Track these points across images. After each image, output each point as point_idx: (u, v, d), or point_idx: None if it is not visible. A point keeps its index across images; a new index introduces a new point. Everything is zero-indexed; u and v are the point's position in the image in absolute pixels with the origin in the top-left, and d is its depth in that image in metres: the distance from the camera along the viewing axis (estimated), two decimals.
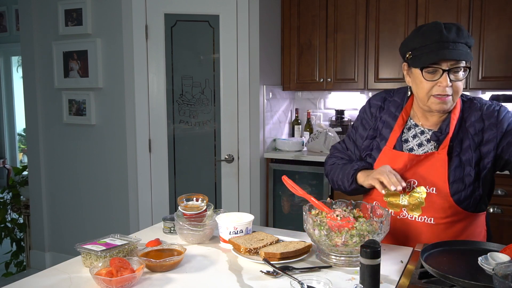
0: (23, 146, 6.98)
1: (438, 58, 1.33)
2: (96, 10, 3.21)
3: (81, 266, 1.31)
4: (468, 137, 1.42)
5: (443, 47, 1.33)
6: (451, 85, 1.36)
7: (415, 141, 1.49)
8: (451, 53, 1.32)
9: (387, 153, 1.50)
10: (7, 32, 6.37)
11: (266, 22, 3.36)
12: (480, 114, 1.44)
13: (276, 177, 3.42)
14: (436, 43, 1.34)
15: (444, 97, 1.37)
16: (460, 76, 1.36)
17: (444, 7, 3.08)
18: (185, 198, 1.58)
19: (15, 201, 3.82)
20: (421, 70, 1.37)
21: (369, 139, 1.57)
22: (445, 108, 1.40)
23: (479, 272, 1.12)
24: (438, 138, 1.45)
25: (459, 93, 1.39)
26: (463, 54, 1.33)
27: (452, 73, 1.35)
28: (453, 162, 1.41)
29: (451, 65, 1.34)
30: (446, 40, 1.33)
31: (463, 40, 1.35)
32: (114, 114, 3.25)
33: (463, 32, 1.36)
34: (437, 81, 1.36)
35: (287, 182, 1.47)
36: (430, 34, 1.36)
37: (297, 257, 1.33)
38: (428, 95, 1.39)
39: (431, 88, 1.37)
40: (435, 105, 1.39)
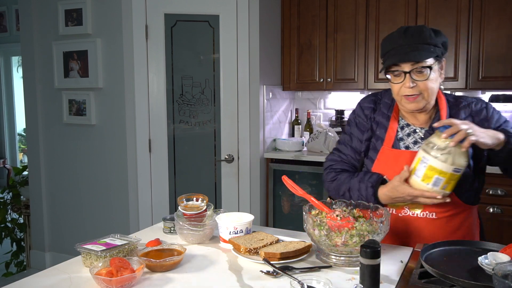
0: (23, 146, 6.98)
1: (393, 62, 1.41)
2: (96, 10, 3.21)
3: (81, 266, 1.31)
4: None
5: (399, 51, 1.40)
6: (415, 85, 1.41)
7: (410, 139, 1.52)
8: (404, 57, 1.39)
9: (386, 153, 1.51)
10: (7, 32, 6.37)
11: (266, 22, 3.36)
12: (470, 111, 1.49)
13: (276, 177, 3.42)
14: (395, 47, 1.42)
15: (412, 97, 1.42)
16: (425, 76, 1.40)
17: (444, 7, 3.08)
18: (185, 198, 1.58)
19: (15, 201, 3.82)
20: (386, 74, 1.45)
21: (367, 141, 1.58)
22: (418, 106, 1.44)
23: (479, 272, 1.12)
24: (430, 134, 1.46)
25: (429, 91, 1.42)
26: (417, 55, 1.38)
27: (415, 73, 1.40)
28: None
29: (411, 66, 1.39)
30: (404, 44, 1.40)
31: (423, 40, 1.40)
32: (114, 114, 3.25)
33: (424, 32, 1.41)
34: (402, 82, 1.42)
35: (287, 182, 1.47)
36: (392, 40, 1.44)
37: (297, 257, 1.33)
38: (399, 96, 1.46)
39: (399, 89, 1.44)
40: (407, 105, 1.45)
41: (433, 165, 1.27)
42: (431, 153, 1.27)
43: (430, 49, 1.40)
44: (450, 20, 3.07)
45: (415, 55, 1.39)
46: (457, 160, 1.26)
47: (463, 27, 3.04)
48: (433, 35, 1.42)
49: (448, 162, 1.26)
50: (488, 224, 2.82)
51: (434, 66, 1.42)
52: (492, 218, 2.80)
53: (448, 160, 1.25)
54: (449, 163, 1.26)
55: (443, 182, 1.28)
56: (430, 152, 1.28)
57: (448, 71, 3.11)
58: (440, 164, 1.26)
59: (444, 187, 1.29)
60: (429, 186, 1.30)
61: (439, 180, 1.28)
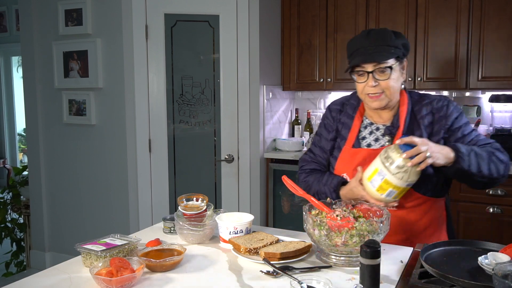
0: (23, 146, 6.98)
1: (356, 63, 1.49)
2: (96, 10, 3.21)
3: (81, 266, 1.31)
4: (419, 128, 1.53)
5: (362, 53, 1.48)
6: (377, 84, 1.49)
7: (371, 137, 1.61)
8: (366, 58, 1.47)
9: (347, 152, 1.61)
10: (7, 32, 6.37)
11: (266, 22, 3.36)
12: (431, 108, 1.55)
13: (276, 177, 3.42)
14: (358, 49, 1.50)
15: (375, 95, 1.51)
16: (386, 75, 1.48)
17: (444, 7, 3.08)
18: (185, 198, 1.58)
19: (15, 201, 3.82)
20: (351, 74, 1.54)
21: (332, 140, 1.68)
22: (381, 104, 1.52)
23: (479, 272, 1.12)
24: (391, 131, 1.57)
25: (391, 89, 1.50)
26: (378, 55, 1.46)
27: (377, 73, 1.48)
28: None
29: (374, 67, 1.47)
30: (366, 46, 1.49)
31: (384, 42, 1.48)
32: (114, 114, 3.25)
33: (385, 35, 1.50)
34: (365, 82, 1.51)
35: (287, 182, 1.47)
36: (356, 42, 1.53)
37: (297, 257, 1.33)
38: (363, 95, 1.54)
39: (363, 88, 1.52)
40: (371, 103, 1.54)
41: (389, 180, 1.36)
42: (390, 169, 1.35)
43: (391, 50, 1.48)
44: (450, 20, 3.07)
45: (376, 56, 1.47)
46: (412, 177, 1.36)
47: (463, 27, 3.04)
48: (394, 37, 1.50)
49: (404, 179, 1.35)
50: (488, 224, 2.82)
51: (395, 66, 1.50)
52: (492, 218, 2.80)
53: (404, 178, 1.35)
54: (404, 180, 1.35)
55: (396, 194, 1.39)
56: (388, 168, 1.36)
57: (448, 71, 3.11)
58: (396, 181, 1.35)
59: (395, 198, 1.40)
60: (382, 197, 1.39)
61: (392, 193, 1.38)
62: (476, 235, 2.80)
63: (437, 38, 3.12)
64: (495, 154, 1.46)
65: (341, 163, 1.61)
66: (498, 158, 1.46)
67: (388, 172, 1.35)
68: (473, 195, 2.83)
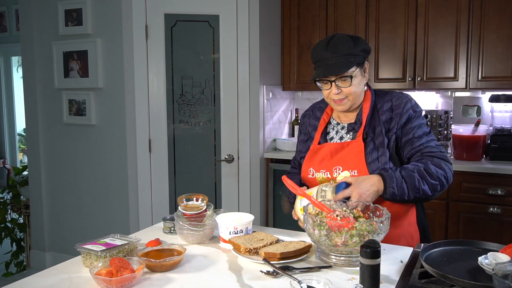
0: (23, 146, 6.98)
1: (317, 76, 1.57)
2: (96, 10, 3.21)
3: (81, 266, 1.31)
4: (380, 124, 1.61)
5: (323, 64, 1.56)
6: (340, 91, 1.57)
7: (337, 136, 1.70)
8: (326, 71, 1.55)
9: (313, 149, 1.70)
10: (7, 32, 6.37)
11: (266, 22, 3.36)
12: (391, 105, 1.63)
13: (276, 177, 3.42)
14: (320, 60, 1.57)
15: (339, 100, 1.60)
16: (347, 83, 1.56)
17: (444, 7, 3.08)
18: (185, 198, 1.58)
19: (15, 201, 3.82)
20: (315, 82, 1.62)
21: (303, 142, 1.80)
22: (345, 108, 1.62)
23: (479, 272, 1.12)
24: (353, 128, 1.66)
25: (354, 94, 1.59)
26: (338, 67, 1.53)
27: (340, 81, 1.56)
28: (368, 145, 1.59)
29: (335, 76, 1.55)
30: (325, 57, 1.55)
31: (343, 52, 1.54)
32: (114, 114, 3.25)
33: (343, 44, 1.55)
34: (329, 89, 1.59)
35: (287, 182, 1.47)
36: (317, 53, 1.59)
37: (297, 257, 1.33)
38: (329, 99, 1.64)
39: (328, 94, 1.61)
40: (336, 107, 1.64)
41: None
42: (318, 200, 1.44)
43: (350, 59, 1.55)
44: (450, 20, 3.07)
45: (336, 69, 1.54)
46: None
47: (463, 27, 3.04)
48: (352, 44, 1.55)
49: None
50: (488, 224, 2.82)
51: (356, 73, 1.57)
52: (492, 218, 2.80)
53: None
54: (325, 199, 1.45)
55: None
56: (318, 198, 1.45)
57: (448, 71, 3.11)
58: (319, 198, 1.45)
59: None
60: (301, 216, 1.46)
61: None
62: (476, 235, 2.80)
63: (437, 38, 3.12)
64: (430, 171, 1.49)
65: (307, 159, 1.70)
66: (432, 176, 1.49)
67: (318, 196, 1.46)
68: (473, 195, 2.83)
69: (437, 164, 1.51)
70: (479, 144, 3.03)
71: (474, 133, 3.03)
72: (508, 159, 2.95)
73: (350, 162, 1.59)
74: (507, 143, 2.97)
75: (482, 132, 3.04)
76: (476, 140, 3.02)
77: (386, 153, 1.57)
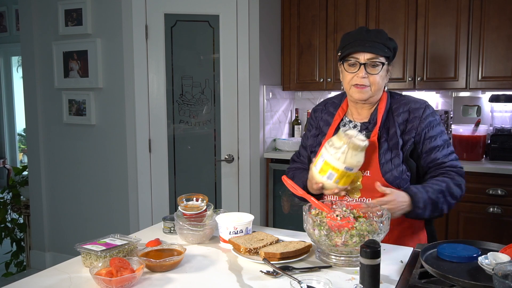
0: (23, 146, 6.98)
1: (354, 50, 1.54)
2: (96, 10, 3.21)
3: (81, 266, 1.31)
4: (394, 125, 1.59)
5: (359, 44, 1.55)
6: (367, 77, 1.55)
7: None
8: (365, 48, 1.54)
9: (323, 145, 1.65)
10: (7, 32, 6.37)
11: (266, 22, 3.36)
12: (408, 108, 1.61)
13: (276, 177, 3.42)
14: (355, 40, 1.57)
15: (362, 87, 1.56)
16: (377, 70, 1.55)
17: (444, 7, 3.08)
18: (185, 198, 1.58)
19: (15, 201, 3.82)
20: (343, 63, 1.59)
21: (313, 137, 1.75)
22: (364, 97, 1.58)
23: (479, 272, 1.12)
24: (367, 127, 1.63)
25: (377, 85, 1.57)
26: (376, 49, 1.54)
27: (369, 66, 1.55)
28: (382, 146, 1.58)
29: (367, 59, 1.54)
30: (364, 39, 1.56)
31: (380, 40, 1.56)
32: (114, 114, 3.25)
33: (382, 35, 1.58)
34: (356, 72, 1.56)
35: (287, 182, 1.48)
36: (353, 35, 1.59)
37: (297, 257, 1.33)
38: (350, 85, 1.59)
39: (352, 78, 1.57)
40: (355, 94, 1.59)
41: (328, 161, 1.44)
42: (329, 150, 1.44)
43: (385, 49, 1.56)
44: (450, 20, 3.07)
45: (374, 48, 1.54)
46: (349, 160, 1.41)
47: (463, 27, 3.04)
48: (388, 38, 1.59)
49: (341, 160, 1.41)
50: (488, 224, 2.82)
51: (385, 66, 1.57)
52: (492, 218, 2.80)
53: (341, 159, 1.41)
54: (341, 161, 1.41)
55: (336, 177, 1.44)
56: (328, 149, 1.45)
57: (448, 71, 3.11)
58: (334, 162, 1.43)
59: (336, 181, 1.45)
60: (324, 179, 1.46)
61: (332, 175, 1.44)
62: (476, 235, 2.80)
63: (437, 38, 3.12)
64: (451, 191, 1.51)
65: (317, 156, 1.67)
66: (453, 195, 1.52)
67: (327, 153, 1.44)
68: (473, 195, 2.83)
69: (458, 184, 1.54)
70: (479, 144, 3.03)
71: (474, 133, 3.03)
72: (508, 159, 2.95)
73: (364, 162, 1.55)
74: (507, 143, 2.97)
75: (482, 132, 3.04)
76: (476, 140, 3.02)
77: (400, 155, 1.56)
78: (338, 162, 1.41)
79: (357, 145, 1.40)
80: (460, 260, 1.18)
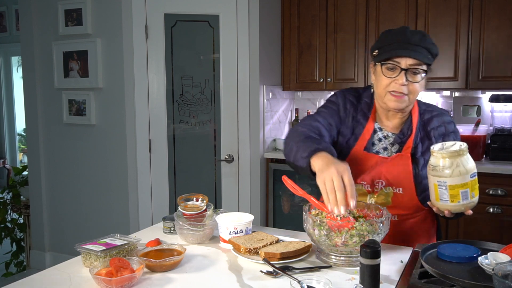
0: (23, 146, 6.98)
1: (396, 54, 1.39)
2: (96, 10, 3.21)
3: (81, 266, 1.31)
4: (429, 139, 1.50)
5: (403, 47, 1.39)
6: (407, 84, 1.41)
7: (380, 145, 1.54)
8: (409, 52, 1.38)
9: (358, 154, 1.53)
10: (7, 32, 6.37)
11: (266, 22, 3.36)
12: (442, 121, 1.53)
13: (276, 177, 3.42)
14: (398, 42, 1.41)
15: (400, 95, 1.42)
16: (418, 78, 1.42)
17: (444, 7, 3.08)
18: (185, 198, 1.58)
19: (15, 201, 3.82)
20: (382, 65, 1.43)
21: (342, 136, 1.56)
22: (400, 106, 1.44)
23: (479, 272, 1.12)
24: (401, 140, 1.51)
25: (415, 94, 1.44)
26: (421, 55, 1.39)
27: (410, 73, 1.41)
28: (419, 162, 1.47)
29: (409, 65, 1.39)
30: (408, 42, 1.40)
31: (425, 45, 1.41)
32: (114, 114, 3.25)
33: (427, 38, 1.42)
34: (394, 78, 1.41)
35: (287, 182, 1.47)
36: (395, 35, 1.43)
37: (297, 257, 1.33)
38: (385, 91, 1.44)
39: (389, 84, 1.43)
40: (391, 102, 1.44)
41: (452, 184, 1.27)
42: (444, 174, 1.27)
43: (429, 55, 1.42)
44: (450, 20, 3.07)
45: (418, 53, 1.38)
46: (466, 165, 1.27)
47: (463, 27, 3.04)
48: (433, 44, 1.43)
49: (462, 173, 1.26)
50: (488, 224, 2.82)
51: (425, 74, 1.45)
52: (492, 218, 2.80)
53: (462, 171, 1.26)
54: (463, 174, 1.26)
55: (469, 192, 1.29)
56: (442, 174, 1.28)
57: (448, 71, 3.11)
58: (458, 180, 1.27)
59: (472, 195, 1.30)
60: (461, 203, 1.30)
61: (465, 193, 1.29)
62: (476, 235, 2.80)
63: (437, 38, 3.12)
64: None
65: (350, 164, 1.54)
66: None
67: (445, 179, 1.27)
68: None
69: None
70: (479, 144, 3.03)
71: (474, 133, 3.03)
72: (508, 159, 2.95)
73: (396, 178, 1.48)
74: (507, 143, 2.97)
75: (482, 132, 3.04)
76: (476, 140, 3.02)
77: None
78: (461, 177, 1.26)
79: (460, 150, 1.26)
80: (460, 260, 1.18)
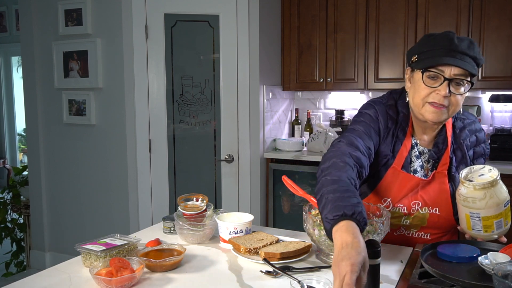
0: (23, 146, 6.98)
1: (442, 62, 1.27)
2: (96, 10, 3.21)
3: (81, 266, 1.31)
4: (461, 149, 1.44)
5: (449, 54, 1.27)
6: (449, 96, 1.29)
7: (418, 162, 1.45)
8: (456, 61, 1.26)
9: (395, 174, 1.42)
10: (7, 32, 6.37)
11: (266, 22, 3.36)
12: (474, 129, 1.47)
13: (276, 177, 3.42)
14: (444, 49, 1.28)
15: (440, 107, 1.30)
16: (461, 90, 1.30)
17: (444, 7, 3.08)
18: (185, 198, 1.58)
19: (15, 201, 3.82)
20: (423, 73, 1.31)
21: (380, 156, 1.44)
22: (440, 118, 1.33)
23: (479, 272, 1.12)
24: (437, 156, 1.44)
25: (457, 108, 1.33)
26: (468, 65, 1.27)
27: (454, 84, 1.29)
28: (455, 178, 1.41)
29: (454, 75, 1.28)
30: (455, 49, 1.27)
31: (473, 54, 1.28)
32: (114, 114, 3.25)
33: (475, 47, 1.30)
34: (436, 88, 1.29)
35: (287, 182, 1.47)
36: (440, 40, 1.30)
37: (297, 257, 1.33)
38: (424, 101, 1.32)
39: (429, 94, 1.31)
40: (429, 114, 1.32)
41: (486, 216, 1.26)
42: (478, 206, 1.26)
43: (475, 66, 1.30)
44: (450, 20, 3.07)
45: (465, 63, 1.26)
46: (500, 196, 1.26)
47: (463, 27, 3.04)
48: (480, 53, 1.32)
49: (496, 203, 1.25)
50: None
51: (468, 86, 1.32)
52: None
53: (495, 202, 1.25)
54: (496, 204, 1.25)
55: (503, 220, 1.28)
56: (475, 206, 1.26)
57: None
58: (493, 211, 1.26)
59: (506, 222, 1.29)
60: (495, 232, 1.29)
61: (499, 222, 1.28)
62: None
63: None
64: None
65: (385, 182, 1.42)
66: None
67: (478, 210, 1.26)
68: None
69: None
70: None
71: None
72: (508, 159, 2.95)
73: (433, 198, 1.41)
74: (507, 143, 2.97)
75: None
76: None
77: None
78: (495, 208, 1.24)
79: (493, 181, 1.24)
80: (460, 260, 1.18)
